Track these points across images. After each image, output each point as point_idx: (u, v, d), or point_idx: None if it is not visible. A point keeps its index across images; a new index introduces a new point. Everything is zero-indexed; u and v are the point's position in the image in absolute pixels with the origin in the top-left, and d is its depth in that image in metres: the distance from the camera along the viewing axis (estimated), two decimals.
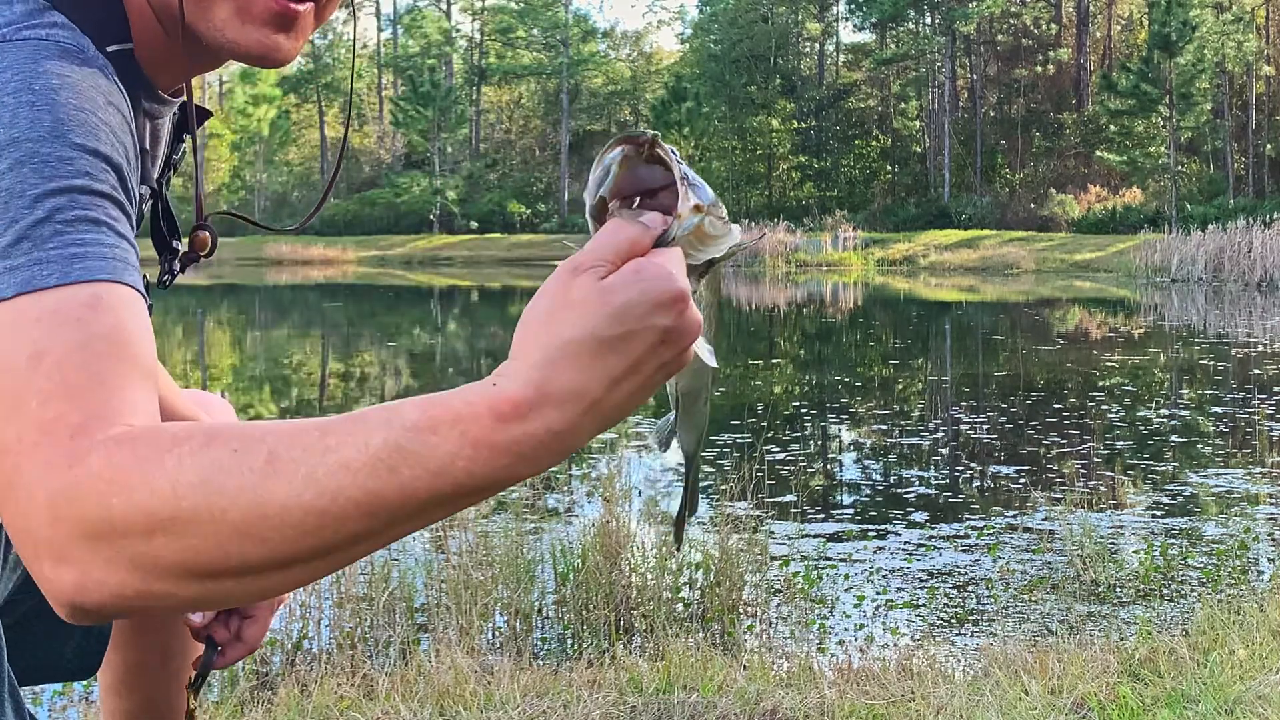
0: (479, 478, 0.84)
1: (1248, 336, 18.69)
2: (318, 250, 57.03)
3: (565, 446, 0.86)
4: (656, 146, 0.92)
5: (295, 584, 0.87)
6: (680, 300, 0.86)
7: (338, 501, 0.82)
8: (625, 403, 0.87)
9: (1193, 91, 55.23)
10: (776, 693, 3.48)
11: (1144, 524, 6.68)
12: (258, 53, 1.18)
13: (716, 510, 6.26)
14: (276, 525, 0.81)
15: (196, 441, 0.83)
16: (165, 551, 0.81)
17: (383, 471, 0.82)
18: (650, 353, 0.86)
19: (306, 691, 3.58)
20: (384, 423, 0.84)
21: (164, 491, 0.81)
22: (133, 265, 0.98)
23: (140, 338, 0.94)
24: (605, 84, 76.89)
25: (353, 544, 0.84)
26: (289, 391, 13.51)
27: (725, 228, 0.96)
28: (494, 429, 0.83)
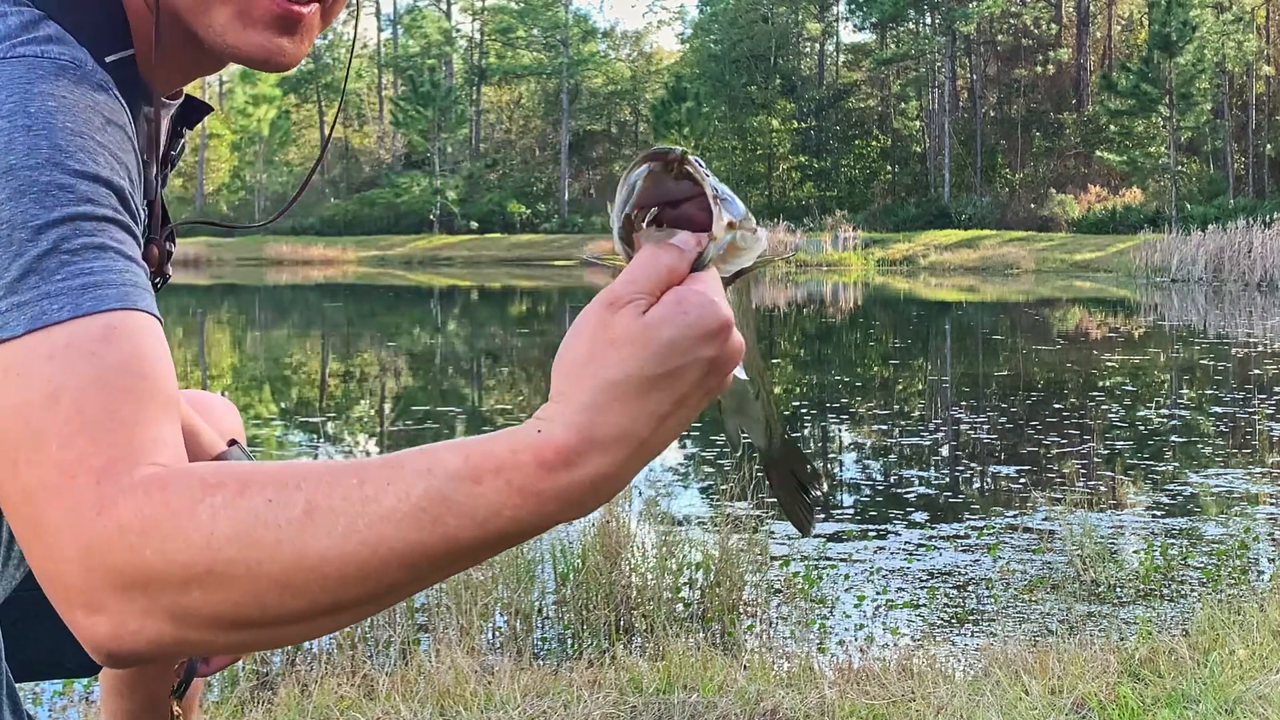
0: (524, 525, 0.81)
1: (1248, 336, 18.70)
2: (318, 250, 57.04)
3: (612, 489, 0.83)
4: (686, 163, 0.88)
5: (334, 629, 0.85)
6: (725, 329, 0.84)
7: (379, 553, 0.80)
8: (670, 436, 0.85)
9: (1193, 91, 55.24)
10: (777, 693, 3.47)
11: (1144, 524, 6.67)
12: (260, 57, 1.15)
13: (716, 510, 6.26)
14: (316, 578, 0.79)
15: (230, 490, 0.80)
16: (202, 603, 0.79)
17: (426, 522, 0.80)
18: (696, 385, 0.84)
19: (307, 691, 3.58)
20: (425, 471, 0.81)
21: (199, 544, 0.79)
22: (143, 288, 0.95)
23: (158, 365, 0.91)
24: (605, 84, 76.90)
25: (393, 591, 0.82)
26: (289, 392, 13.51)
27: (754, 239, 0.94)
28: (540, 477, 0.80)
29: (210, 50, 1.16)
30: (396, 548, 0.79)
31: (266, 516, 0.79)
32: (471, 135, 73.98)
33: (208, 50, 1.16)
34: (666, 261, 0.86)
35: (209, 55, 1.19)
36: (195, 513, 0.79)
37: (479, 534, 0.80)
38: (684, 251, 0.86)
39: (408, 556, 0.80)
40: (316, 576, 0.79)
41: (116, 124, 1.03)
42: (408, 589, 0.83)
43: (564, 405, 0.82)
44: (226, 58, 1.18)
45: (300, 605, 0.80)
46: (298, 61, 1.19)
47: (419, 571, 0.81)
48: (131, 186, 1.02)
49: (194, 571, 0.78)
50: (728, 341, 0.84)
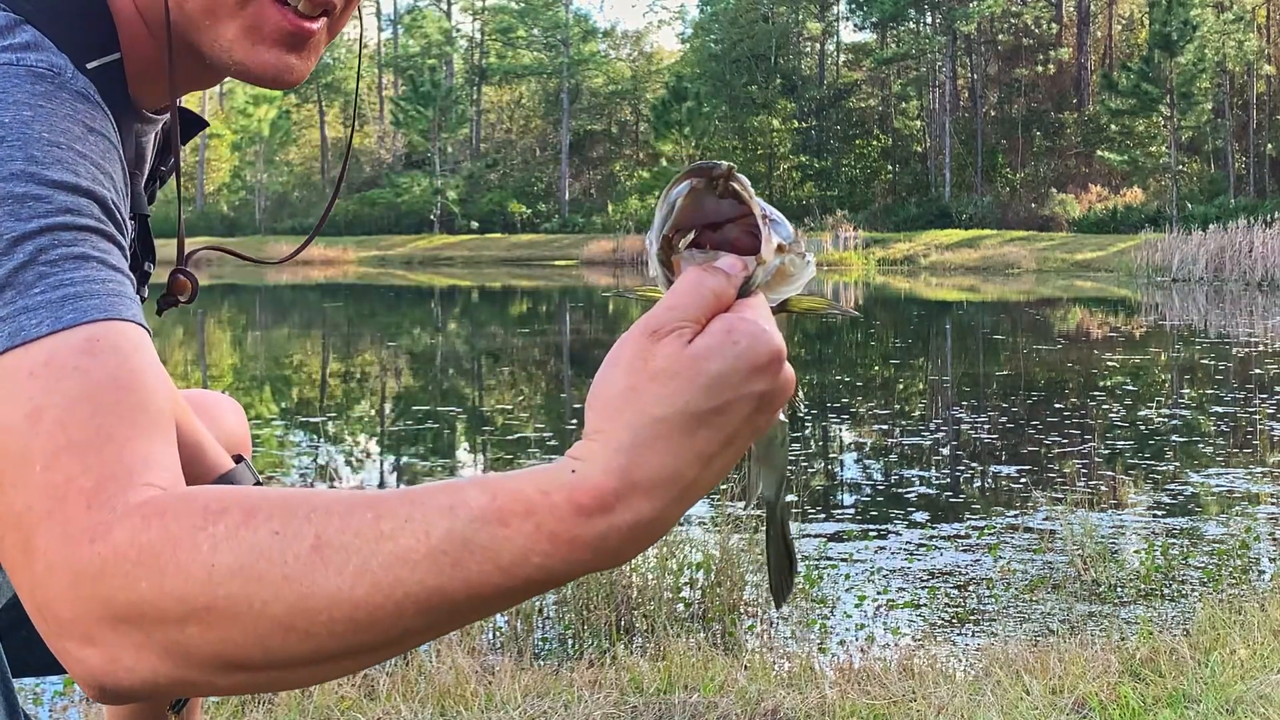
0: (554, 573, 0.74)
1: (1249, 336, 18.69)
2: (318, 250, 57.02)
3: (652, 537, 0.76)
4: (732, 179, 0.81)
5: (341, 675, 0.79)
6: (778, 360, 0.77)
7: (393, 597, 0.73)
8: (716, 479, 0.78)
9: (1193, 91, 55.25)
10: (777, 693, 3.47)
11: (1145, 523, 6.67)
12: (270, 75, 1.11)
13: (717, 510, 6.26)
14: (324, 621, 0.73)
15: (233, 518, 0.75)
16: (200, 641, 0.74)
17: (445, 566, 0.73)
18: (746, 422, 0.77)
19: (307, 692, 3.58)
20: (447, 510, 0.74)
21: (198, 577, 0.73)
22: (129, 298, 0.91)
23: (146, 377, 0.86)
24: (606, 84, 76.92)
25: (407, 638, 0.76)
26: (289, 392, 13.51)
27: (803, 264, 0.87)
28: (574, 523, 0.73)
29: (214, 65, 1.12)
30: (412, 592, 0.73)
31: (272, 551, 0.74)
32: (472, 135, 74.01)
33: (210, 65, 1.12)
34: (712, 286, 0.79)
35: (210, 70, 1.15)
36: (195, 543, 0.74)
37: (504, 582, 0.74)
38: (731, 276, 0.80)
39: (425, 602, 0.73)
40: (324, 619, 0.73)
41: (99, 132, 0.99)
42: (423, 636, 0.76)
43: (602, 444, 0.75)
44: (232, 74, 1.13)
45: (306, 649, 0.74)
46: (304, 78, 1.15)
47: (436, 618, 0.75)
48: (118, 196, 0.98)
49: (192, 607, 0.73)
50: (779, 374, 0.78)
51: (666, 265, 0.82)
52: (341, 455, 9.36)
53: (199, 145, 70.78)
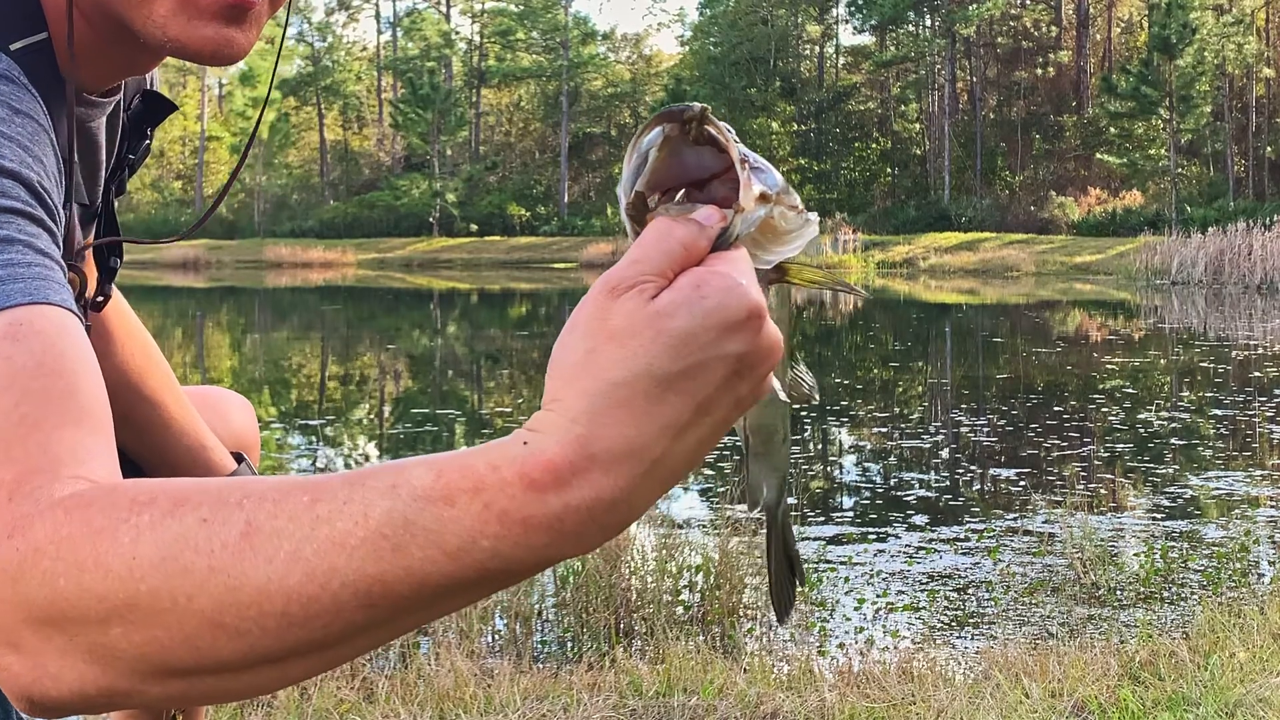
0: (508, 560, 0.66)
1: (1248, 339, 18.69)
2: (317, 253, 57.07)
3: (618, 519, 0.68)
4: (706, 123, 0.72)
5: (285, 682, 0.71)
6: (756, 317, 0.68)
7: (329, 588, 0.66)
8: (693, 456, 0.69)
9: (1193, 94, 55.28)
10: (777, 696, 3.47)
11: (1144, 527, 6.67)
12: (209, 50, 1.03)
13: (716, 513, 6.25)
14: (255, 615, 0.67)
15: (160, 507, 0.69)
16: (124, 643, 0.68)
17: (385, 551, 0.66)
18: (722, 389, 0.68)
19: (306, 694, 3.58)
20: (388, 489, 0.67)
21: (118, 572, 0.67)
22: (58, 282, 0.85)
23: (75, 363, 0.80)
24: (605, 86, 76.91)
25: (350, 637, 0.69)
26: (288, 394, 13.50)
27: (799, 220, 0.76)
28: (526, 501, 0.66)
29: (149, 45, 1.05)
30: (350, 581, 0.66)
31: (198, 539, 0.67)
32: (471, 138, 74.01)
33: (144, 44, 1.05)
34: (681, 236, 0.70)
35: (146, 50, 1.08)
36: (117, 535, 0.68)
37: (452, 569, 0.66)
38: (704, 226, 0.70)
39: (365, 593, 0.66)
40: (254, 614, 0.66)
41: (25, 114, 0.94)
42: (369, 635, 0.69)
43: (558, 414, 0.67)
44: (168, 52, 1.06)
45: (238, 649, 0.67)
46: (247, 52, 1.07)
47: (378, 613, 0.67)
48: (48, 180, 0.93)
49: (114, 604, 0.67)
50: (759, 334, 0.68)
51: (638, 223, 0.72)
52: (340, 458, 9.36)
53: (198, 148, 70.83)
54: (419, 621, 0.70)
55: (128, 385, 1.53)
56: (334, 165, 74.79)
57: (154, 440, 1.54)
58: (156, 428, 1.55)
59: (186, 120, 71.60)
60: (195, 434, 1.59)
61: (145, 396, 1.55)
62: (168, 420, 1.56)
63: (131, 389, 1.53)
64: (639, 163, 0.72)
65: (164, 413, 1.56)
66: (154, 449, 1.53)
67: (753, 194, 0.72)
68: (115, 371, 1.51)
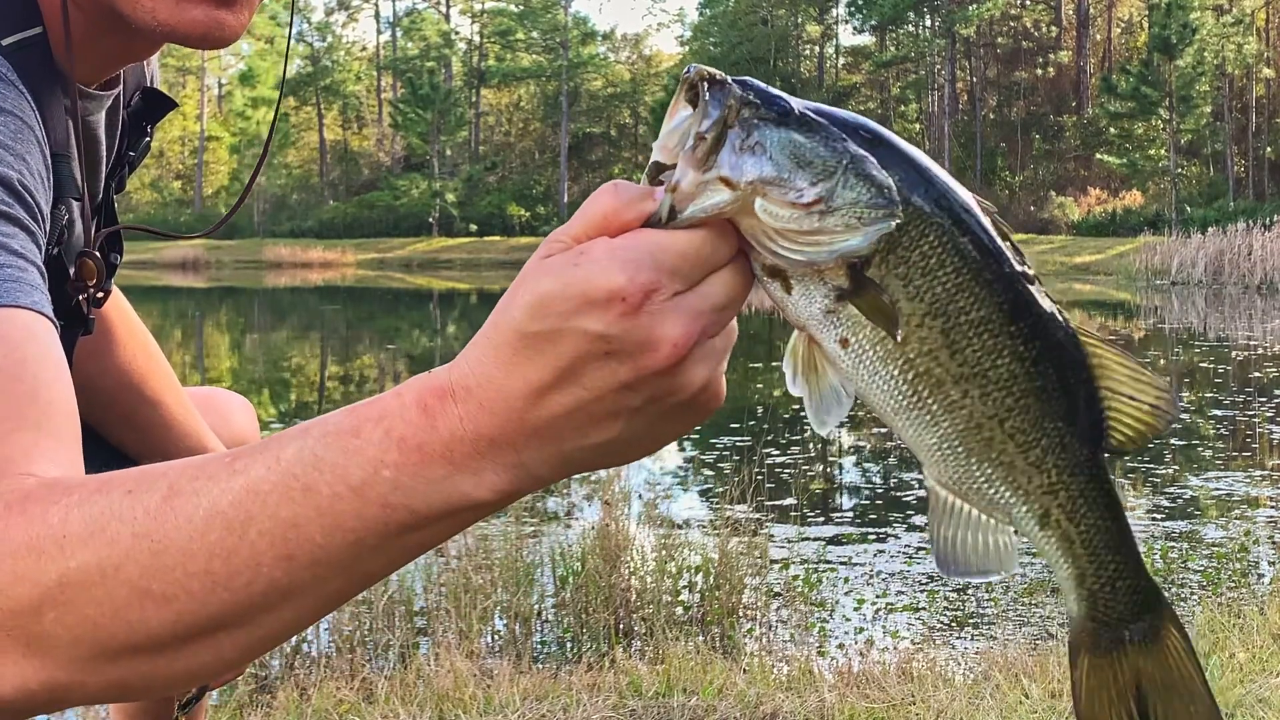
0: (410, 494, 0.67)
1: (1248, 339, 18.69)
2: (317, 253, 57.06)
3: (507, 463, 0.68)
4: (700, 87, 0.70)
5: (224, 663, 0.71)
6: (615, 301, 0.65)
7: (247, 537, 0.66)
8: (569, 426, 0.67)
9: (1193, 94, 55.29)
10: (776, 696, 3.47)
11: (1144, 527, 6.67)
12: (198, 33, 1.03)
13: (716, 513, 6.25)
14: (180, 577, 0.66)
15: (88, 489, 0.69)
16: (59, 628, 0.68)
17: (296, 493, 0.66)
18: (592, 366, 0.66)
19: (305, 695, 3.58)
20: (299, 432, 0.69)
21: (49, 552, 0.67)
22: (31, 284, 0.84)
23: (38, 366, 0.79)
24: (605, 86, 76.91)
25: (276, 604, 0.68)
26: (288, 395, 13.50)
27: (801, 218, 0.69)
28: (420, 426, 0.67)
29: (140, 30, 1.04)
30: (266, 529, 0.66)
31: (122, 509, 0.68)
32: (471, 138, 74.01)
33: (137, 31, 1.04)
34: (603, 205, 0.69)
35: (139, 37, 1.07)
36: (47, 516, 0.69)
37: (359, 507, 0.66)
38: (630, 200, 0.69)
39: (281, 541, 0.66)
40: (180, 575, 0.67)
41: (10, 112, 0.93)
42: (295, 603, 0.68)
43: (465, 348, 0.70)
44: (159, 37, 1.05)
45: (167, 618, 0.67)
46: (239, 35, 1.06)
47: (297, 569, 0.67)
48: (31, 178, 0.92)
49: (46, 586, 0.67)
50: (623, 319, 0.66)
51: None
52: None
53: (198, 148, 70.83)
54: (341, 587, 0.69)
55: (130, 387, 1.53)
56: (333, 165, 74.78)
57: (156, 441, 1.55)
58: (158, 428, 1.55)
59: (186, 120, 71.56)
60: (197, 434, 1.59)
61: (147, 398, 1.55)
62: (169, 421, 1.57)
63: (134, 390, 1.54)
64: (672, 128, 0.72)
65: (166, 414, 1.56)
66: (156, 450, 1.53)
67: (698, 177, 0.68)
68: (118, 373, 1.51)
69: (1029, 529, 0.77)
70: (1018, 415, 0.74)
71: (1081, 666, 0.80)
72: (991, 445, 0.74)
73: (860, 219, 0.70)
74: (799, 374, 0.74)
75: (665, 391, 0.68)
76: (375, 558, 0.69)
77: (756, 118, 0.70)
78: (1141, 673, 0.78)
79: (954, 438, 0.74)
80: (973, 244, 0.72)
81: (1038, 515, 0.76)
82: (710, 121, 0.69)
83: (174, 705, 1.65)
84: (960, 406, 0.73)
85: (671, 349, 0.66)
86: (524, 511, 6.63)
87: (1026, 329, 0.73)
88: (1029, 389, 0.73)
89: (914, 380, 0.72)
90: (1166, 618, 0.79)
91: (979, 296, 0.72)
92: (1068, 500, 0.76)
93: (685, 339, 0.66)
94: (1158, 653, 0.79)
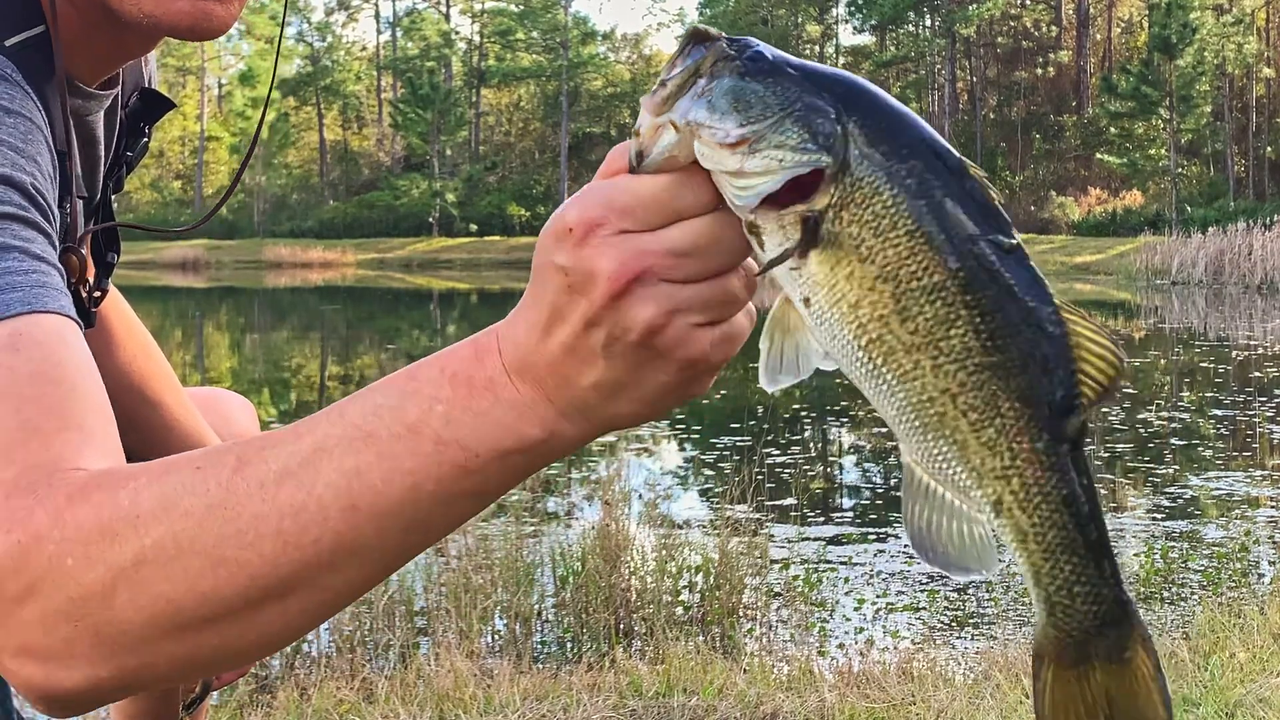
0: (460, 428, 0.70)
1: (1248, 339, 18.69)
2: (317, 253, 57.04)
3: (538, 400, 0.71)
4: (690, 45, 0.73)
5: (291, 629, 0.73)
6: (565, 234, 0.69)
7: (314, 491, 0.69)
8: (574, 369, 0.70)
9: (1193, 94, 55.29)
10: (777, 696, 3.47)
11: (1144, 527, 6.67)
12: (185, 24, 1.02)
13: (716, 513, 6.25)
14: (253, 540, 0.69)
15: (154, 470, 0.72)
16: (130, 610, 0.69)
17: (358, 440, 0.70)
18: (562, 300, 0.70)
19: (306, 695, 3.58)
20: (364, 391, 0.74)
21: (123, 532, 0.69)
22: (55, 288, 0.85)
23: (76, 369, 0.81)
24: (605, 86, 76.88)
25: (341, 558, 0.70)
26: (288, 395, 13.50)
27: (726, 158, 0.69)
28: (470, 361, 0.72)
29: (129, 24, 1.03)
30: (331, 480, 0.69)
31: (194, 484, 0.70)
32: (471, 138, 74.00)
33: (126, 25, 1.04)
34: (610, 159, 0.75)
35: (132, 32, 1.06)
36: (117, 501, 0.70)
37: (414, 445, 0.70)
38: (620, 148, 0.74)
39: (345, 492, 0.69)
40: (253, 538, 0.69)
41: (18, 113, 0.93)
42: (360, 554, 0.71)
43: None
44: (148, 29, 1.04)
45: (240, 583, 0.69)
46: (229, 26, 1.05)
47: (362, 518, 0.70)
48: (42, 180, 0.92)
49: (120, 566, 0.69)
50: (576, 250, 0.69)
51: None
52: None
53: (198, 148, 70.81)
54: (401, 541, 0.71)
55: (130, 388, 1.53)
56: (333, 165, 74.76)
57: (158, 442, 1.55)
58: (159, 429, 1.55)
59: (186, 120, 71.56)
60: (198, 435, 1.59)
61: (148, 399, 1.55)
62: (171, 422, 1.57)
63: (134, 392, 1.54)
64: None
65: (167, 414, 1.56)
66: (157, 451, 1.53)
67: (653, 120, 0.71)
68: (118, 374, 1.51)
69: (987, 516, 0.73)
70: (971, 391, 0.70)
71: (1045, 677, 0.75)
72: (945, 421, 0.71)
73: (781, 162, 0.69)
74: (766, 329, 0.73)
75: (617, 329, 0.69)
76: (433, 508, 0.71)
77: (726, 69, 0.72)
78: (1109, 693, 0.74)
79: (909, 410, 0.72)
80: (931, 206, 0.69)
81: (991, 501, 0.72)
82: (677, 70, 0.72)
83: (178, 705, 1.65)
84: (913, 377, 0.70)
85: (606, 282, 0.68)
86: (524, 511, 6.63)
87: (986, 300, 0.69)
88: (984, 364, 0.70)
89: (868, 346, 0.70)
90: (1135, 637, 0.75)
91: (933, 261, 0.69)
92: (1021, 488, 0.71)
93: (619, 272, 0.68)
94: (1122, 675, 0.74)
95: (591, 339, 0.69)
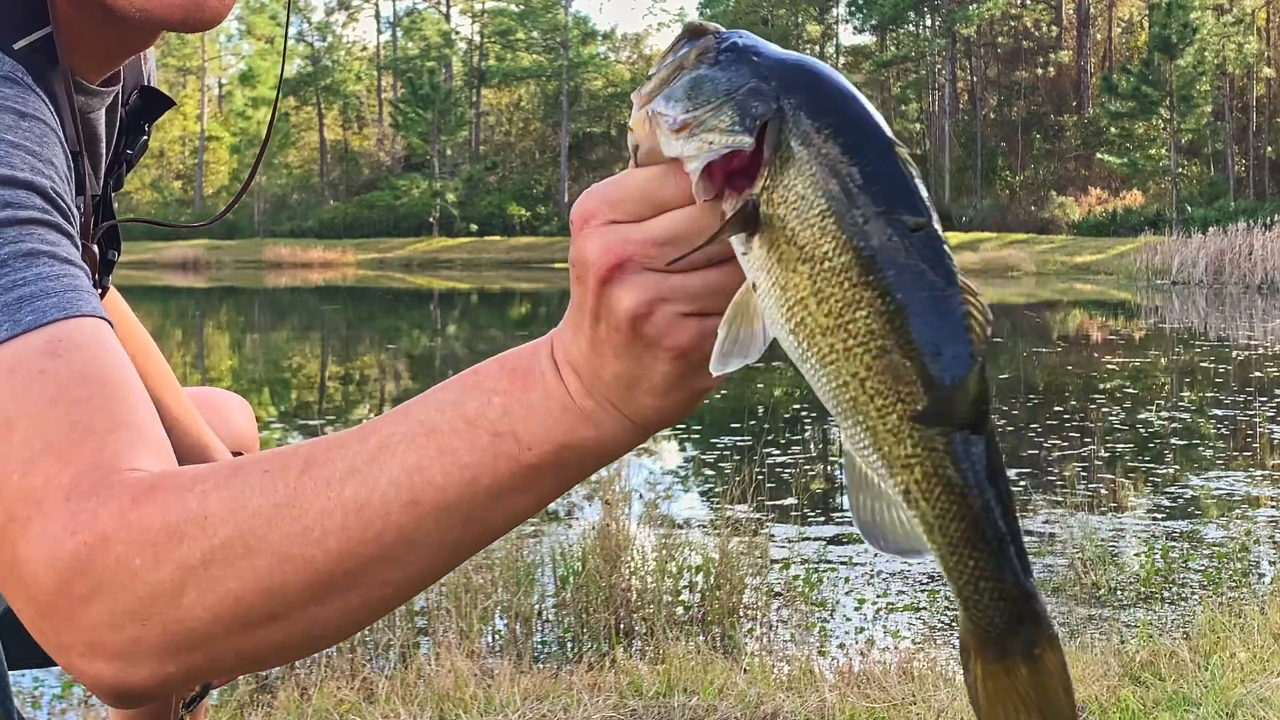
0: (515, 419, 0.72)
1: (1248, 339, 18.69)
2: (317, 253, 57.05)
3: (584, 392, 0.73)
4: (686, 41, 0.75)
5: (350, 622, 0.75)
6: (577, 222, 0.73)
7: (378, 487, 0.71)
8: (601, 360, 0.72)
9: (1193, 94, 55.31)
10: (777, 696, 3.47)
11: (1145, 527, 6.67)
12: (178, 16, 1.02)
13: (717, 513, 6.25)
14: (318, 537, 0.71)
15: (221, 473, 0.73)
16: (198, 608, 0.71)
17: (421, 436, 0.72)
18: (576, 292, 0.73)
19: (306, 695, 3.58)
20: (434, 388, 0.76)
21: (191, 533, 0.71)
22: (85, 290, 0.86)
23: (117, 370, 0.82)
24: (605, 86, 76.87)
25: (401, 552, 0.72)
26: (288, 395, 13.50)
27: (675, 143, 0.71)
28: (528, 354, 0.75)
29: (124, 18, 1.03)
30: (394, 476, 0.71)
31: (263, 485, 0.72)
32: (471, 138, 74.01)
33: (121, 19, 1.03)
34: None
35: (129, 28, 1.06)
36: (185, 502, 0.72)
37: (473, 438, 0.71)
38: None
39: (407, 487, 0.71)
40: (318, 534, 0.71)
41: (33, 116, 0.93)
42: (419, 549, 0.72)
43: None
44: (139, 22, 1.04)
45: (305, 579, 0.71)
46: (222, 17, 1.05)
47: (422, 512, 0.71)
48: (60, 183, 0.93)
49: (190, 565, 0.70)
50: (577, 236, 0.72)
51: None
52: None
53: (198, 148, 70.82)
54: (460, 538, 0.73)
55: None
56: (334, 165, 74.79)
57: None
58: None
59: (186, 120, 71.59)
60: (197, 434, 1.59)
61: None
62: (169, 421, 1.56)
63: None
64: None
65: (165, 414, 1.56)
66: None
67: (635, 114, 0.74)
68: None
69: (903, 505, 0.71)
70: (876, 376, 0.69)
71: (974, 670, 0.74)
72: (858, 406, 0.70)
73: (711, 144, 0.70)
74: (726, 314, 0.71)
75: (612, 318, 0.71)
76: (489, 503, 0.73)
77: (704, 62, 0.72)
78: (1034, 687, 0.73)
79: (832, 395, 0.71)
80: (841, 186, 0.69)
81: (902, 490, 0.71)
82: (663, 65, 0.74)
83: (178, 704, 1.65)
84: (830, 361, 0.70)
85: (593, 269, 0.70)
86: None
87: (885, 281, 0.68)
88: (884, 346, 0.69)
89: (796, 329, 0.70)
90: (1042, 640, 0.73)
91: (839, 242, 0.68)
92: (923, 477, 0.70)
93: (601, 259, 0.70)
94: (1037, 674, 0.73)
95: (600, 330, 0.72)
